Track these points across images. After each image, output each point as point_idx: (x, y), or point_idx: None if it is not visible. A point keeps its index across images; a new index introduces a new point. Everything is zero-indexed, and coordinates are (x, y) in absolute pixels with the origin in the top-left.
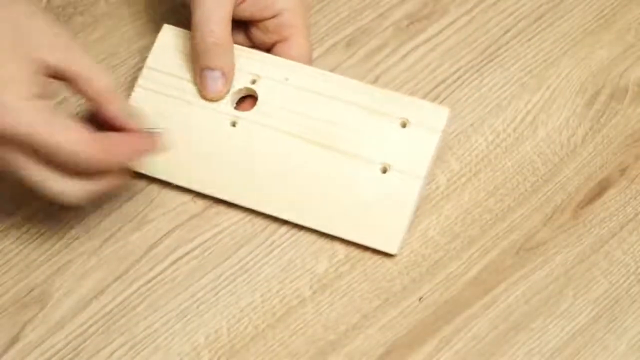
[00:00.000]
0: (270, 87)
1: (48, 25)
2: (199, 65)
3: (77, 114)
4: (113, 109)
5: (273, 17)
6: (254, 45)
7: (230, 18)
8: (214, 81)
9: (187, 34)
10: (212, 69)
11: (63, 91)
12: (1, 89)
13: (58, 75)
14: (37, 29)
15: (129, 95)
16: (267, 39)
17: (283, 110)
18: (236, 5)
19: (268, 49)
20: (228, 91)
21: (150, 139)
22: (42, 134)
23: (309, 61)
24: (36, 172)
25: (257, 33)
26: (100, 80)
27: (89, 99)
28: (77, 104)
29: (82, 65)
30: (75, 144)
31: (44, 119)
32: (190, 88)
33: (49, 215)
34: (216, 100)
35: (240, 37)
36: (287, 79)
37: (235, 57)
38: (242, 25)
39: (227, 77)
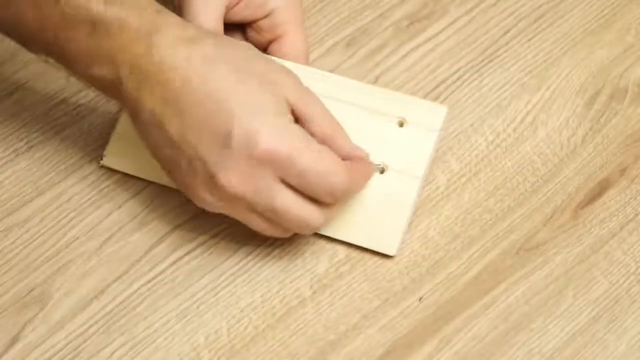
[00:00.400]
0: None
1: (282, 67)
2: None
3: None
4: (344, 145)
5: (266, 16)
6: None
7: (221, 21)
8: None
9: None
10: None
11: (64, 92)
12: (269, 120)
13: (292, 114)
14: (275, 69)
15: None
16: (262, 38)
17: None
18: (229, 9)
19: (264, 49)
20: None
21: (372, 166)
22: (308, 157)
23: (305, 57)
24: (287, 197)
25: (252, 34)
26: (329, 122)
27: (319, 139)
28: (76, 104)
29: (315, 108)
30: (333, 171)
31: (307, 143)
32: None
33: (49, 215)
34: None
35: (238, 39)
36: None
37: None
38: (239, 28)
39: None
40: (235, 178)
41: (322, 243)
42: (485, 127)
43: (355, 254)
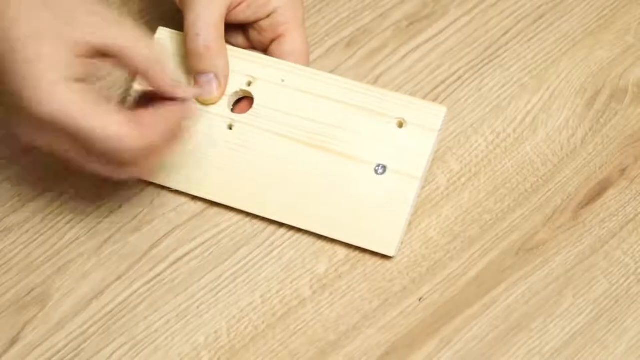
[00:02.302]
0: (266, 88)
1: (90, 5)
2: (192, 69)
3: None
4: (159, 79)
5: (267, 16)
6: (253, 46)
7: (222, 22)
8: (208, 85)
9: (182, 36)
10: (204, 73)
11: None
12: (39, 70)
13: (104, 54)
14: (79, 10)
15: (127, 96)
16: (263, 38)
17: (279, 112)
18: (231, 9)
19: (265, 48)
20: (223, 94)
21: (184, 108)
22: (75, 117)
23: (306, 56)
24: (79, 156)
25: (253, 34)
26: (144, 50)
27: (135, 71)
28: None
29: (126, 38)
30: (109, 129)
31: (79, 102)
32: None
33: (49, 215)
34: (211, 104)
35: (240, 39)
36: (283, 81)
37: (230, 60)
38: (239, 28)
39: (221, 80)
40: (29, 130)
41: (322, 243)
42: (485, 128)
43: (355, 254)
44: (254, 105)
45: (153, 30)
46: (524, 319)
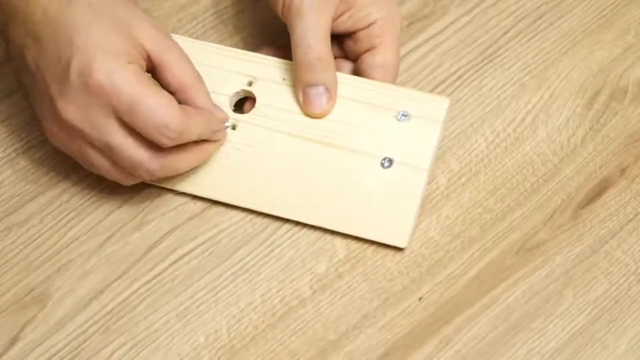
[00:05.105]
0: (268, 88)
1: (147, 17)
2: (301, 82)
3: None
4: (200, 98)
5: (366, 27)
6: (345, 55)
7: (330, 33)
8: (319, 97)
9: (182, 39)
10: (316, 85)
11: None
12: (107, 55)
13: (149, 61)
14: (138, 17)
15: None
16: (358, 48)
17: (283, 110)
18: (333, 20)
19: (357, 58)
20: (333, 106)
21: (218, 121)
22: (130, 83)
23: (394, 72)
24: (120, 135)
25: (349, 43)
26: (187, 73)
27: (175, 89)
28: None
29: (173, 56)
30: (163, 108)
31: (133, 73)
32: None
33: (49, 215)
34: (322, 117)
35: (334, 48)
36: (284, 79)
37: (229, 60)
38: (334, 36)
39: (331, 92)
40: (72, 107)
41: (322, 243)
42: (485, 127)
43: (355, 254)
44: (257, 105)
45: None
46: (524, 319)
